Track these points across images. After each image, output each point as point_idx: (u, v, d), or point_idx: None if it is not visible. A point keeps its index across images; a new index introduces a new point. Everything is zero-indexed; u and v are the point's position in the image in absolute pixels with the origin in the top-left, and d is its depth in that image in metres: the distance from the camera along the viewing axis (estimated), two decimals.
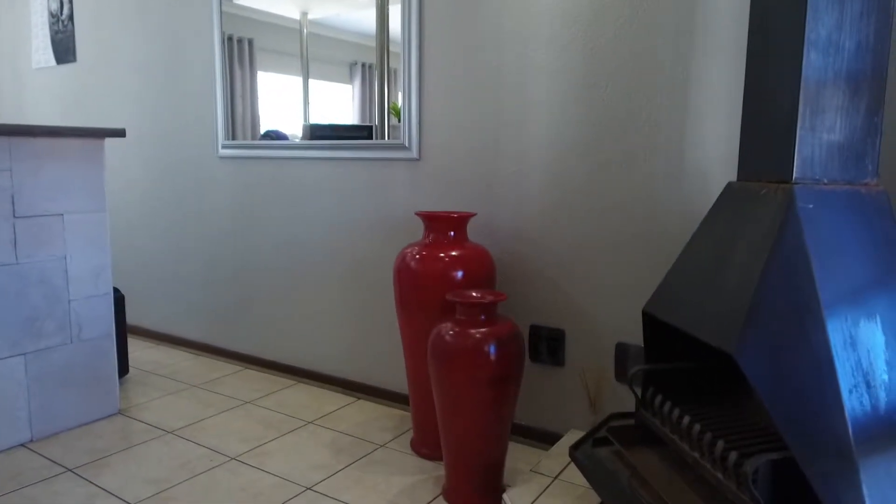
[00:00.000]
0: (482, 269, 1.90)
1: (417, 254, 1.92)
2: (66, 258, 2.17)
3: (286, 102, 2.67)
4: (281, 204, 2.67)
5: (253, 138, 2.78)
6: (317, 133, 2.60)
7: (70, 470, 1.90)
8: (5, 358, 2.03)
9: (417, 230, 2.28)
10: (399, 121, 2.42)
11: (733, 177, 1.68)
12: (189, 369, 2.81)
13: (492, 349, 1.60)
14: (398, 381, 2.40)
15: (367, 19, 2.41)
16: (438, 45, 2.16)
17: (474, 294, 1.72)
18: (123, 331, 2.64)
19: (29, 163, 2.06)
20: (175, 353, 3.05)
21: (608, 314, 1.90)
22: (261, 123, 2.77)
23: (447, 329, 1.66)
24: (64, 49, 3.62)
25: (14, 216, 2.03)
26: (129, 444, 2.07)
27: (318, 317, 2.61)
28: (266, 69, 2.74)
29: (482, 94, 2.08)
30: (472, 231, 2.14)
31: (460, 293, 1.73)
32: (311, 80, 2.59)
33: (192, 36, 2.89)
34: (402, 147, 2.28)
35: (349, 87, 2.52)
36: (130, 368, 2.81)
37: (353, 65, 2.52)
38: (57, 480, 1.84)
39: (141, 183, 3.21)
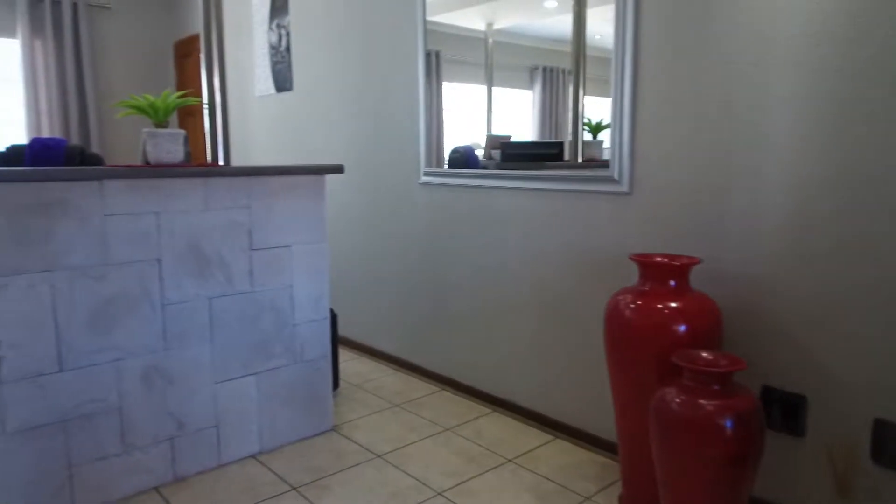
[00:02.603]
0: (708, 324, 1.72)
1: (632, 302, 1.79)
2: (291, 286, 2.35)
3: (468, 111, 2.68)
4: (477, 230, 2.67)
5: (438, 149, 2.85)
6: (507, 153, 2.55)
7: (294, 488, 2.05)
8: (241, 377, 2.25)
9: (626, 270, 2.15)
10: (594, 137, 2.30)
11: None
12: (391, 385, 2.94)
13: (728, 425, 1.43)
14: (600, 424, 2.29)
15: (550, 23, 2.32)
16: (655, 72, 2.00)
17: (705, 356, 1.56)
18: (336, 348, 2.83)
19: (263, 200, 2.25)
20: (377, 366, 3.21)
21: (863, 381, 1.63)
22: (444, 133, 2.84)
23: (673, 395, 1.53)
24: (283, 78, 3.97)
25: (251, 248, 2.24)
26: (343, 466, 2.20)
27: (514, 347, 2.58)
28: (450, 79, 2.76)
29: (706, 123, 1.88)
30: (693, 276, 1.96)
31: (688, 355, 1.58)
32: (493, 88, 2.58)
33: (395, 61, 3.00)
34: (610, 180, 2.16)
35: (529, 92, 2.45)
36: (340, 381, 3.01)
37: (533, 69, 2.44)
38: (284, 498, 2.00)
39: (351, 208, 3.42)
